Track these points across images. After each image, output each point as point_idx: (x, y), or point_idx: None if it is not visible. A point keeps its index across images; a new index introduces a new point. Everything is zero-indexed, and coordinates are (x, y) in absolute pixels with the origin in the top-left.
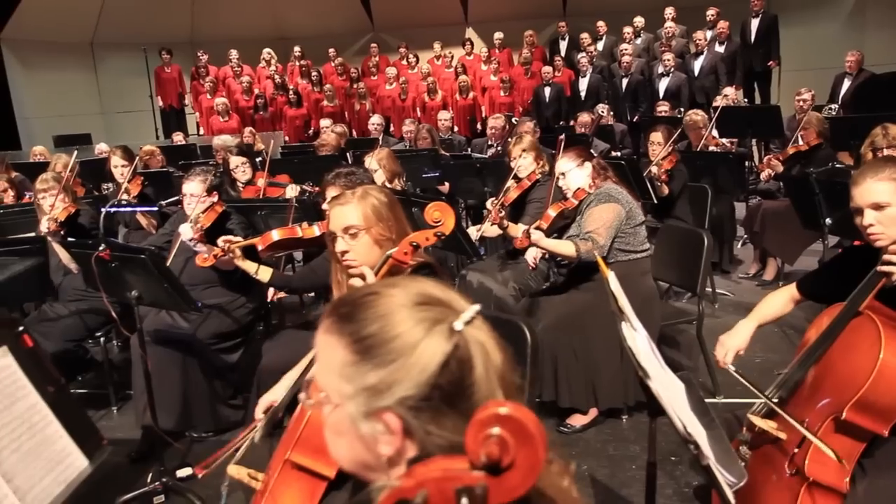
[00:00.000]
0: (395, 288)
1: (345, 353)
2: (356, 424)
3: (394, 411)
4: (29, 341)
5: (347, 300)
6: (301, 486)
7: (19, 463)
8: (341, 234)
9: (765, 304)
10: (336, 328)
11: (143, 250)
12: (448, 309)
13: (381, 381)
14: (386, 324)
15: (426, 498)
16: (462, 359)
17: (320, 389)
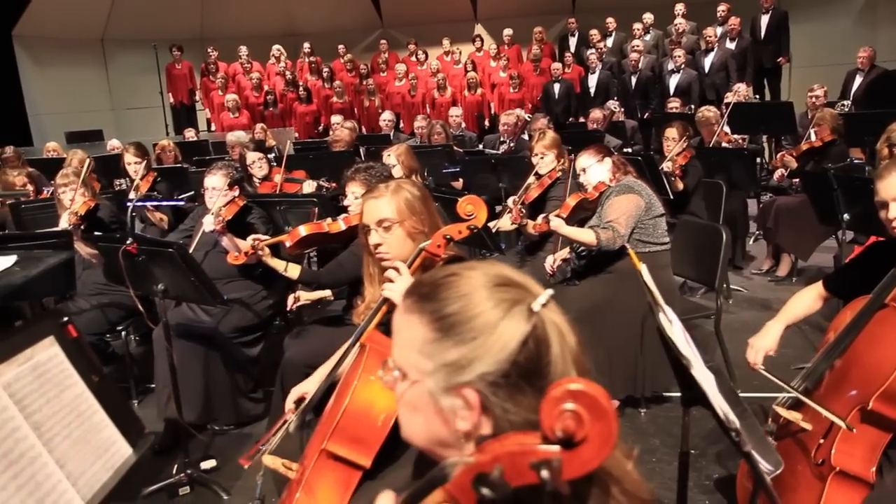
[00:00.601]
0: (474, 270)
1: (425, 331)
2: (436, 399)
3: (473, 387)
4: (73, 331)
5: (427, 281)
6: (336, 476)
7: (70, 450)
8: (375, 227)
9: (792, 303)
10: (417, 307)
11: (172, 244)
12: (525, 291)
13: (462, 358)
14: (467, 303)
15: (502, 472)
16: (539, 338)
17: (396, 367)
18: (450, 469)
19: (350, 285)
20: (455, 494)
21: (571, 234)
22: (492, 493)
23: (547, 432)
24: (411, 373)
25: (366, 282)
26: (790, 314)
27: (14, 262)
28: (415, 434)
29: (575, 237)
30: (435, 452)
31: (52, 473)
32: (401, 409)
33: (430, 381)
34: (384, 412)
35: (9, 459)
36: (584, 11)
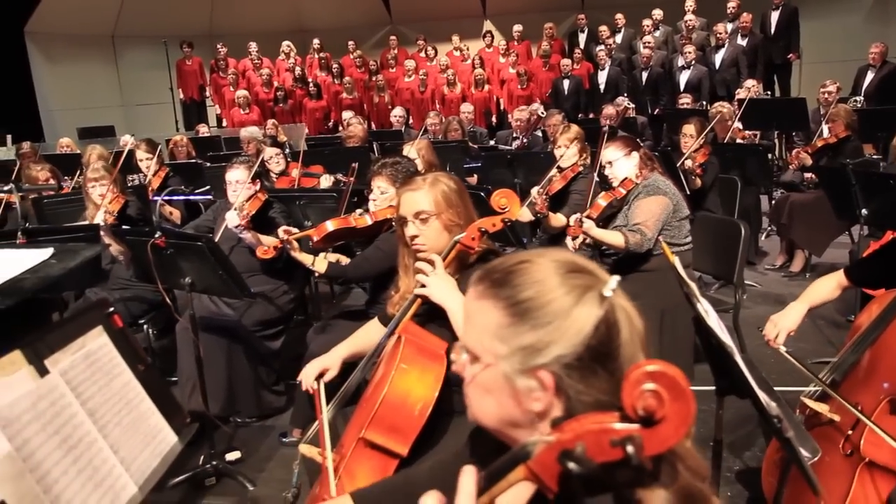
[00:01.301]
0: (544, 257)
1: (500, 316)
2: (511, 381)
3: (548, 369)
4: (119, 321)
5: (499, 268)
6: (374, 465)
7: (122, 436)
8: (412, 219)
9: (814, 288)
10: (490, 293)
11: (201, 237)
12: (595, 277)
13: (537, 341)
14: (541, 289)
15: (585, 448)
16: (610, 323)
17: (467, 351)
18: (531, 447)
19: (374, 280)
20: (537, 471)
21: (601, 237)
22: (579, 468)
23: (628, 411)
24: (484, 356)
25: (400, 272)
26: (813, 297)
27: (51, 255)
28: (485, 415)
29: (604, 240)
30: (504, 433)
31: (107, 459)
32: (471, 391)
33: (504, 364)
34: (421, 401)
35: (69, 444)
36: (593, 8)
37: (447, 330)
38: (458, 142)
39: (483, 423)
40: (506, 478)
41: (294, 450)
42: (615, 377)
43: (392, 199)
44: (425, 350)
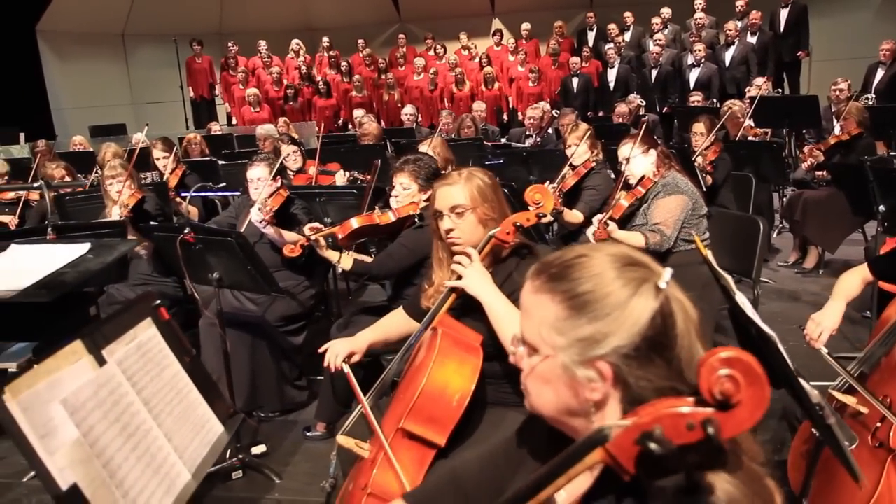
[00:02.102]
0: (600, 251)
1: (558, 309)
2: (570, 372)
3: (607, 360)
4: (165, 314)
5: (555, 262)
6: (412, 455)
7: (174, 425)
8: (448, 213)
9: (843, 283)
10: (548, 287)
11: (230, 233)
12: (649, 270)
13: (596, 333)
14: (599, 282)
15: (662, 431)
16: (666, 313)
17: (524, 343)
18: (608, 431)
19: (398, 276)
20: (615, 453)
21: (623, 238)
22: (660, 449)
23: (705, 395)
24: (543, 348)
25: (434, 266)
26: (846, 292)
27: (87, 250)
28: (544, 405)
29: (626, 241)
30: (562, 422)
31: (162, 447)
32: (530, 382)
33: (563, 356)
34: (459, 392)
35: (128, 432)
36: (602, 6)
37: (482, 323)
38: (473, 139)
39: (541, 413)
40: (582, 461)
41: (319, 443)
42: (672, 365)
43: (414, 195)
44: (461, 342)
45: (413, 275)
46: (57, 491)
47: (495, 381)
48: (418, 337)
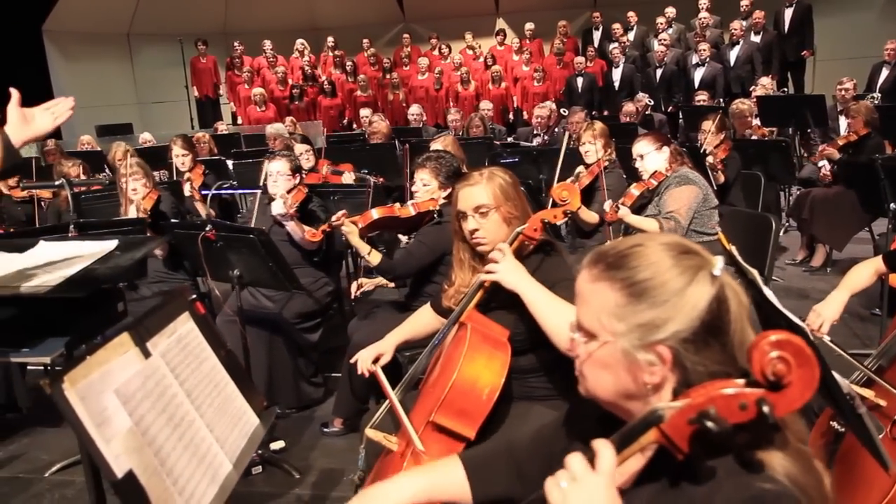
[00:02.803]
0: (654, 241)
1: (617, 297)
2: (630, 356)
3: (666, 344)
4: (202, 309)
5: (612, 252)
6: (441, 448)
7: (214, 417)
8: (472, 213)
9: (852, 275)
10: (606, 276)
11: (253, 230)
12: (703, 258)
13: (655, 318)
14: (656, 270)
15: (717, 411)
16: (721, 299)
17: (582, 330)
18: (663, 411)
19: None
20: (669, 432)
21: (636, 223)
22: (716, 427)
23: (757, 376)
24: (602, 334)
25: (455, 266)
26: (853, 284)
27: (115, 247)
28: (601, 389)
29: (640, 225)
30: (619, 405)
31: (205, 437)
32: (587, 368)
33: (623, 341)
34: (489, 386)
35: (174, 422)
36: (606, 5)
37: (508, 319)
38: (483, 138)
39: (598, 397)
40: (637, 441)
41: (336, 439)
42: (727, 349)
43: (433, 192)
44: (490, 338)
45: (431, 273)
46: (114, 477)
47: (520, 375)
48: (445, 333)
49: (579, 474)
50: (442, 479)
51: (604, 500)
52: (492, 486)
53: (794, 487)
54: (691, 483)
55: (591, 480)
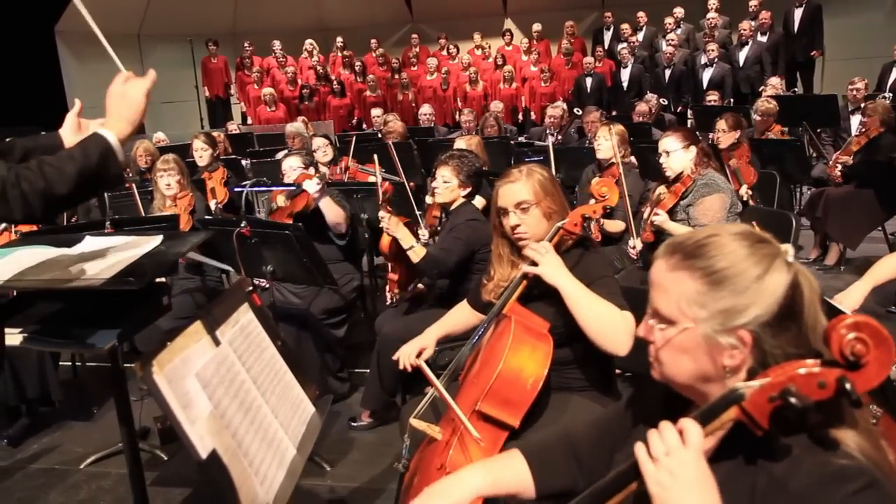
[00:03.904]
0: (728, 231)
1: (698, 284)
2: (712, 340)
3: (748, 328)
4: (258, 300)
5: (688, 242)
6: (485, 436)
7: (277, 403)
8: (513, 210)
9: (879, 266)
10: (685, 265)
11: (288, 226)
12: (775, 246)
13: (737, 304)
14: (734, 259)
15: (797, 387)
16: (795, 284)
17: (661, 317)
18: (744, 390)
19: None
20: (750, 410)
21: (674, 230)
22: (799, 403)
23: (836, 356)
24: (682, 320)
25: (494, 262)
26: (878, 275)
27: (160, 242)
28: (679, 373)
29: (677, 233)
30: (695, 388)
31: (272, 423)
32: (665, 353)
33: (705, 326)
34: (533, 376)
35: (245, 407)
36: (614, 6)
37: (548, 311)
38: (500, 138)
39: (674, 381)
40: (719, 418)
41: (364, 433)
42: (801, 332)
43: (454, 189)
44: (533, 330)
45: (465, 270)
46: (199, 457)
47: (558, 367)
48: (487, 325)
49: (673, 447)
50: (505, 472)
51: (696, 471)
52: (554, 478)
53: (868, 463)
54: (768, 459)
55: (684, 453)
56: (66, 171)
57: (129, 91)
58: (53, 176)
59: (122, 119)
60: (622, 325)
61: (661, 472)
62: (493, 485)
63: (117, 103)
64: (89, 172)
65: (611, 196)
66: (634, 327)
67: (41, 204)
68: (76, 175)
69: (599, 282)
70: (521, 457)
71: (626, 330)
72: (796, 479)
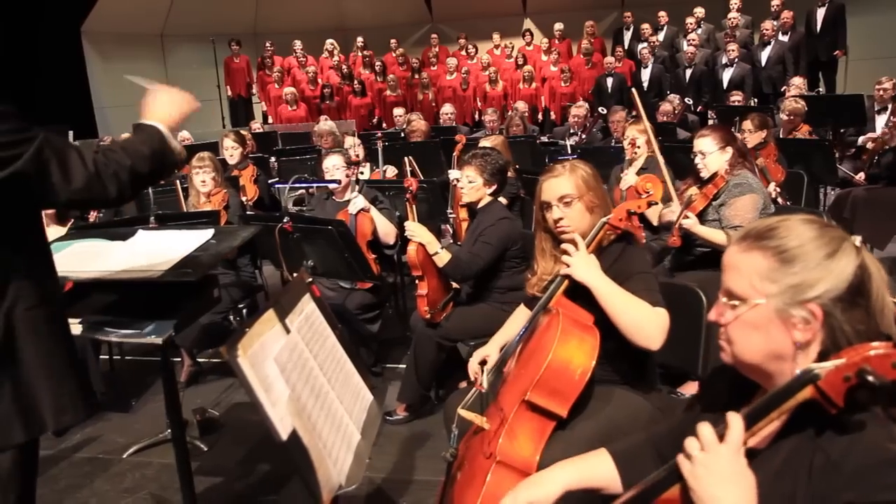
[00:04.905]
0: (796, 216)
1: (770, 262)
2: (784, 314)
3: (818, 302)
4: (317, 291)
5: (759, 227)
6: (534, 425)
7: (341, 389)
8: (556, 204)
9: None
10: (757, 245)
11: (331, 221)
12: (842, 232)
13: (808, 279)
14: (804, 239)
15: (872, 367)
16: (864, 267)
17: (732, 296)
18: (818, 370)
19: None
20: (825, 389)
21: (704, 234)
22: (878, 382)
23: None
24: (754, 296)
25: (537, 256)
26: None
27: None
28: (749, 350)
29: (707, 236)
30: (762, 367)
31: (338, 408)
32: (735, 331)
33: (776, 301)
34: (581, 368)
35: (315, 392)
36: (634, 6)
37: (592, 304)
38: (526, 137)
39: (744, 360)
40: (794, 397)
41: (400, 427)
42: (870, 313)
43: (479, 188)
44: (579, 322)
45: (495, 268)
46: (280, 438)
47: (602, 359)
48: (534, 319)
49: (708, 444)
50: (591, 468)
51: (731, 465)
52: (640, 473)
53: None
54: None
55: (720, 448)
56: (142, 151)
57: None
58: (135, 155)
59: (161, 110)
60: (654, 320)
61: (696, 466)
62: (579, 479)
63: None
64: (158, 154)
65: (655, 192)
66: (668, 323)
67: (130, 180)
68: (150, 155)
69: (637, 277)
70: (607, 455)
71: (659, 325)
72: (851, 460)
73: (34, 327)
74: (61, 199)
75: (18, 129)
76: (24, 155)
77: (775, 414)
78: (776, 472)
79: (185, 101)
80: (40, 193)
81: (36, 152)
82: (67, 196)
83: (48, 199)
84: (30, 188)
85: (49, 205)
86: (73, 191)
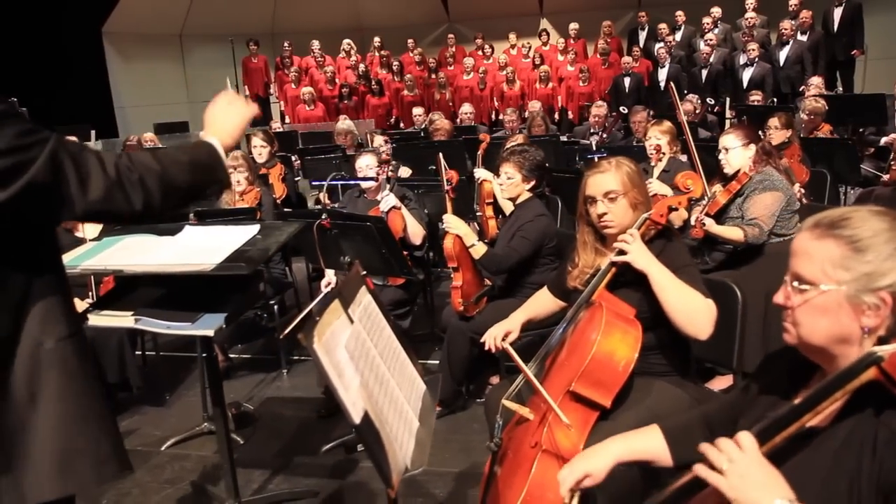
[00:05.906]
0: (866, 208)
1: (843, 250)
2: (855, 300)
3: (889, 290)
4: (371, 284)
5: (830, 216)
6: (577, 415)
7: (399, 377)
8: (601, 199)
9: None
10: (830, 234)
11: (370, 218)
12: None
13: (880, 267)
14: (876, 230)
15: None
16: None
17: (803, 281)
18: (882, 353)
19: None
20: (889, 370)
21: (721, 233)
22: None
23: None
24: (825, 282)
25: (579, 249)
26: None
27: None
28: (816, 334)
29: (724, 235)
30: (827, 349)
31: (399, 396)
32: (803, 315)
33: (848, 287)
34: (624, 359)
35: (379, 380)
36: (651, 5)
37: (633, 297)
38: (550, 136)
39: (810, 343)
40: (858, 377)
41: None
42: None
43: (518, 184)
44: (622, 315)
45: (529, 263)
46: (354, 421)
47: (642, 351)
48: (577, 311)
49: (733, 455)
50: (641, 442)
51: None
52: (689, 447)
53: None
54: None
55: (745, 457)
56: (179, 159)
57: (233, 111)
58: (167, 161)
59: (224, 132)
60: (706, 311)
61: (732, 478)
62: (630, 451)
63: (221, 118)
64: (201, 166)
65: (695, 188)
66: (716, 314)
67: (159, 188)
68: (188, 164)
69: (683, 270)
70: (658, 430)
71: (710, 316)
72: None
73: (63, 364)
74: (77, 211)
75: (25, 130)
76: (36, 160)
77: (839, 394)
78: (837, 451)
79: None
80: (55, 205)
81: (49, 156)
82: (83, 208)
83: (62, 213)
84: (44, 199)
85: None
86: (90, 201)
